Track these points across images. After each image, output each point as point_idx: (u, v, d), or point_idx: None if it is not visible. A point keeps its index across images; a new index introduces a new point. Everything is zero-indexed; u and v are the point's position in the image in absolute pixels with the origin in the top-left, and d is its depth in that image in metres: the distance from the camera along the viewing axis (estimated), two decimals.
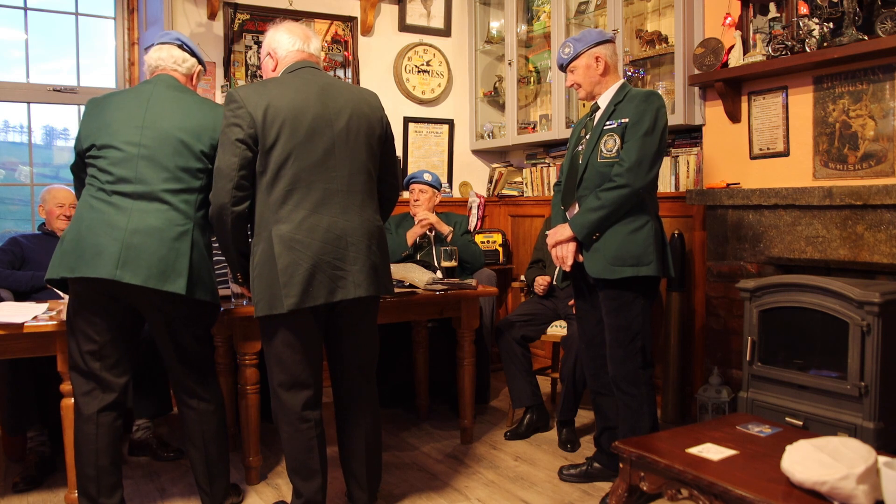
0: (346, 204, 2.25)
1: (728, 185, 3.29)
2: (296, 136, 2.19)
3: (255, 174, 2.22)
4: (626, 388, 2.61)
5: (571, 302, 3.23)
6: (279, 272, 2.15)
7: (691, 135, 3.64)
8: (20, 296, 3.16)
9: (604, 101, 2.66)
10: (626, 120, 2.53)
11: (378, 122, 2.38)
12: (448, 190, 4.89)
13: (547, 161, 4.58)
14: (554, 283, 3.59)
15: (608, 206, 2.48)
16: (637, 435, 2.57)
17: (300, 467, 2.32)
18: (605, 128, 2.59)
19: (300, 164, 2.20)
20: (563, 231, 2.61)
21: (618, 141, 2.54)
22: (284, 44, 2.36)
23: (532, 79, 4.64)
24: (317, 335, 2.32)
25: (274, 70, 2.39)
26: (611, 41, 2.68)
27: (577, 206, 2.64)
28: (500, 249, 4.78)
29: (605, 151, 2.56)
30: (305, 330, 2.27)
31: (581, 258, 2.61)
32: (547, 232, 2.76)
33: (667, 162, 3.76)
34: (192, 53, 2.50)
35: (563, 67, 2.72)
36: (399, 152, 4.68)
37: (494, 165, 5.02)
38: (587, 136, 2.67)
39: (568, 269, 2.65)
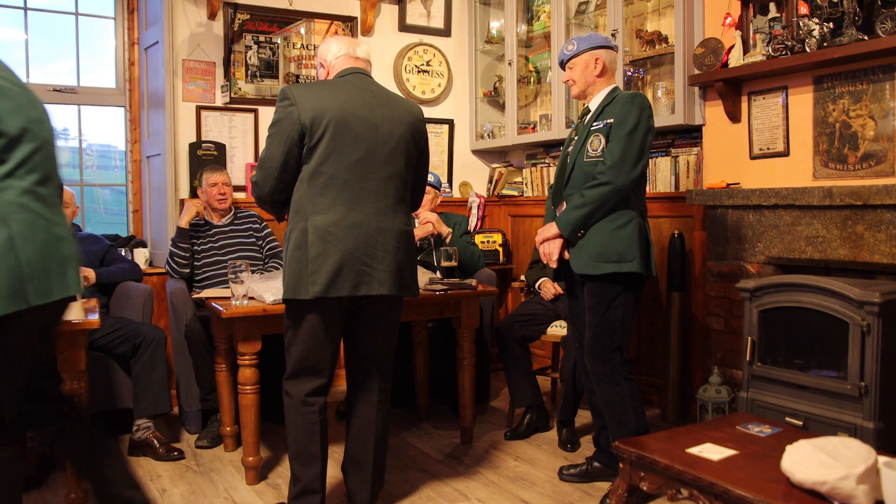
0: (380, 205, 2.35)
1: (728, 185, 3.29)
2: (339, 136, 2.29)
3: (297, 168, 2.32)
4: (605, 384, 2.64)
5: None
6: (310, 260, 2.25)
7: (691, 135, 3.64)
8: None
9: (594, 103, 2.72)
10: (612, 120, 2.59)
11: (420, 133, 2.51)
12: (448, 190, 4.89)
13: (547, 161, 4.58)
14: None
15: (591, 203, 2.54)
16: (624, 429, 2.60)
17: (301, 452, 2.38)
18: (592, 128, 2.65)
19: (340, 162, 2.29)
20: (549, 229, 2.67)
21: (603, 140, 2.59)
22: (333, 50, 2.49)
23: (532, 79, 4.64)
24: (338, 327, 2.40)
25: (326, 77, 2.50)
26: (614, 49, 2.75)
27: (564, 204, 2.69)
28: (500, 249, 4.78)
29: (590, 151, 2.63)
30: (327, 320, 2.34)
31: (567, 255, 2.66)
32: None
33: (667, 162, 3.76)
34: None
35: (563, 62, 2.77)
36: None
37: (494, 165, 5.02)
38: (576, 138, 2.73)
39: (554, 266, 2.70)
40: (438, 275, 3.35)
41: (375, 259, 2.31)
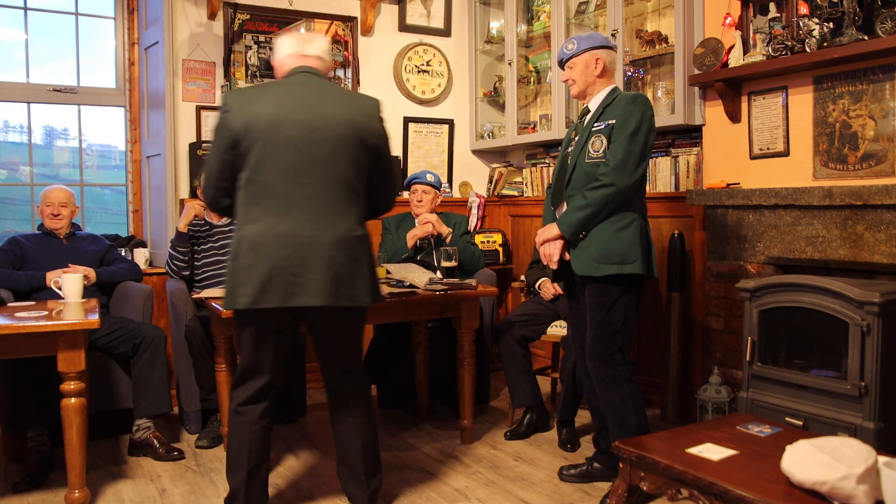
0: (316, 212, 2.26)
1: (728, 185, 3.29)
2: (271, 142, 2.23)
3: (234, 176, 2.29)
4: (606, 385, 2.64)
5: None
6: (240, 270, 2.23)
7: (691, 135, 3.64)
8: (20, 296, 3.16)
9: (594, 103, 2.71)
10: (614, 121, 2.57)
11: (370, 131, 2.35)
12: (448, 190, 4.89)
13: (547, 161, 4.58)
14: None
15: (593, 204, 2.53)
16: (625, 431, 2.59)
17: (232, 460, 2.40)
18: (594, 129, 2.64)
19: (272, 169, 2.23)
20: (550, 230, 2.65)
21: (605, 142, 2.58)
22: (283, 49, 2.41)
23: (532, 79, 4.64)
24: (276, 337, 2.36)
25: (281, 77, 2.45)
26: (614, 49, 2.74)
27: (565, 205, 2.68)
28: (500, 249, 4.78)
29: (592, 152, 2.61)
30: (263, 330, 2.33)
31: (568, 256, 2.65)
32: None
33: (667, 162, 3.76)
34: None
35: (562, 62, 2.76)
36: (399, 152, 4.68)
37: (494, 165, 5.02)
38: (576, 138, 2.72)
39: (555, 267, 2.69)
40: (438, 275, 3.35)
41: (307, 269, 2.22)
